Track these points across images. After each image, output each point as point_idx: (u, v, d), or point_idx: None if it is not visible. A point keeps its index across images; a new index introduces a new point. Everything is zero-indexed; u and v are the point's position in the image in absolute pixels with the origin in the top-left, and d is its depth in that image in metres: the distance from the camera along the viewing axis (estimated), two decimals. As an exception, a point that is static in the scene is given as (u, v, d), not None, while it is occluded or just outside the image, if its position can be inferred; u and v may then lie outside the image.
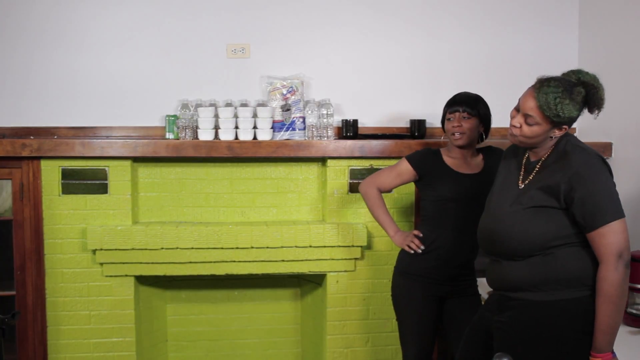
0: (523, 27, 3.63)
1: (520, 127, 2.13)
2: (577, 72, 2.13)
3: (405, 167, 2.84)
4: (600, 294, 2.03)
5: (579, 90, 2.08)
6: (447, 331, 2.86)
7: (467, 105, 2.73)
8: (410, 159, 2.85)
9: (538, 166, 2.17)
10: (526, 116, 2.11)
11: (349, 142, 3.29)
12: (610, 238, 2.01)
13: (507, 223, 2.15)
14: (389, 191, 2.93)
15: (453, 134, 2.74)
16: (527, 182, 2.18)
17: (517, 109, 2.15)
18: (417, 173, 2.82)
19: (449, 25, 3.59)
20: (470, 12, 3.60)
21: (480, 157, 2.83)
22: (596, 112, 2.13)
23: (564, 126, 2.11)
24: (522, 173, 2.22)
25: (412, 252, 2.77)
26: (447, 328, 2.85)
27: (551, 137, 2.14)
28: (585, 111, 2.16)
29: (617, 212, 2.03)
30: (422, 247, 2.75)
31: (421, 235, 2.79)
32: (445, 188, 2.76)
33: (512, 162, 2.29)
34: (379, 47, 3.54)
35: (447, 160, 2.81)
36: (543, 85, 2.08)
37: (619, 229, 2.02)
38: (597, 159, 2.10)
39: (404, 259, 2.84)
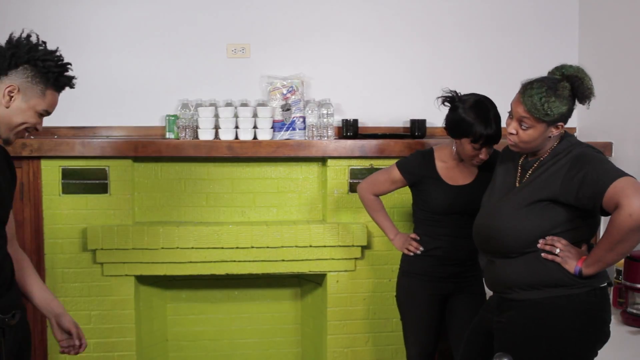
0: (523, 27, 3.63)
1: (517, 133, 2.13)
2: (560, 68, 2.14)
3: (396, 175, 2.81)
4: (604, 232, 2.00)
5: (564, 85, 2.08)
6: (448, 330, 2.85)
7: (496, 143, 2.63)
8: (400, 167, 2.81)
9: (535, 165, 2.18)
10: (519, 122, 2.12)
11: (349, 142, 3.29)
12: (623, 184, 1.93)
13: (502, 219, 2.16)
14: (383, 195, 2.93)
15: (473, 159, 2.64)
16: (523, 181, 2.19)
17: (511, 116, 2.16)
18: (407, 182, 2.81)
19: (449, 25, 3.58)
20: (470, 12, 3.60)
21: None
22: (587, 102, 2.13)
23: (559, 123, 2.11)
24: (519, 173, 2.23)
25: (412, 254, 2.79)
26: (448, 326, 2.85)
27: (549, 137, 2.14)
28: (582, 107, 2.17)
29: (623, 172, 1.99)
30: (421, 249, 2.77)
31: (418, 238, 2.80)
32: (436, 202, 2.73)
33: (509, 164, 2.30)
34: (379, 46, 3.54)
35: (439, 165, 2.74)
36: (527, 88, 2.10)
37: (631, 180, 1.95)
38: (594, 148, 2.12)
39: (406, 260, 2.85)
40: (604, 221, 2.18)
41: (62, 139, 3.17)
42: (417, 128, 3.43)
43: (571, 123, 3.49)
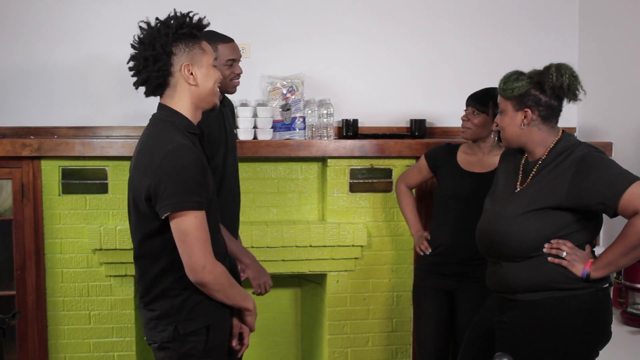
0: (523, 27, 3.63)
1: (497, 124, 2.22)
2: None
3: (422, 163, 3.00)
4: (619, 236, 2.01)
5: (537, 71, 2.14)
6: (454, 329, 2.88)
7: (478, 101, 2.77)
8: (426, 154, 3.00)
9: (536, 167, 2.17)
10: (499, 109, 2.22)
11: (349, 142, 3.29)
12: (639, 190, 1.95)
13: (506, 224, 2.15)
14: (416, 186, 3.12)
15: (462, 126, 2.82)
16: (525, 184, 2.18)
17: None
18: (430, 168, 2.96)
19: (449, 26, 3.59)
20: (470, 12, 3.60)
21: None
22: (567, 92, 2.11)
23: (526, 109, 2.13)
24: (520, 175, 2.22)
25: (422, 253, 2.91)
26: (454, 325, 2.87)
27: (523, 126, 2.14)
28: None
29: (633, 176, 2.00)
30: (429, 250, 2.88)
31: (429, 237, 2.91)
32: (446, 185, 2.86)
33: (510, 165, 2.29)
34: (379, 46, 3.54)
35: (461, 156, 2.87)
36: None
37: None
38: (596, 148, 2.12)
39: (419, 254, 2.98)
40: (605, 220, 2.18)
41: (62, 139, 3.17)
42: (417, 128, 3.43)
43: (571, 123, 3.53)
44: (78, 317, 3.25)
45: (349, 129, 3.38)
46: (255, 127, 3.28)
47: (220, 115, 2.63)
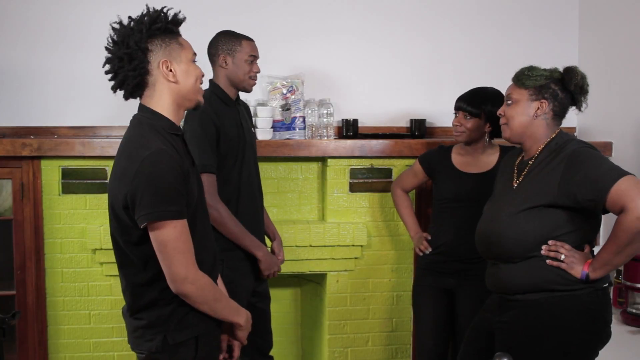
0: (523, 27, 3.63)
1: (504, 114, 2.20)
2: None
3: (417, 167, 2.99)
4: (610, 235, 2.00)
5: (554, 69, 2.16)
6: (453, 326, 2.88)
7: (469, 104, 2.76)
8: (420, 158, 2.99)
9: (531, 162, 2.17)
10: (507, 100, 2.19)
11: (349, 142, 3.29)
12: (626, 185, 1.92)
13: (502, 224, 2.15)
14: (411, 190, 3.12)
15: (455, 130, 2.80)
16: (519, 181, 2.18)
17: None
18: (425, 172, 2.95)
19: (449, 25, 3.59)
20: (470, 12, 3.60)
21: (497, 155, 2.83)
22: (578, 92, 2.13)
23: (542, 100, 2.13)
24: (515, 173, 2.22)
25: (421, 253, 2.91)
26: (453, 323, 2.88)
27: (535, 118, 2.13)
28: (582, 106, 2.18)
29: (623, 171, 1.98)
30: (429, 250, 2.88)
31: (429, 237, 2.90)
32: (445, 188, 2.85)
33: (508, 166, 2.30)
34: (379, 46, 3.54)
35: (455, 158, 2.86)
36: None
37: (633, 180, 1.95)
38: (586, 144, 2.12)
39: (419, 255, 2.98)
40: (604, 219, 2.18)
41: (62, 139, 3.17)
42: (417, 128, 3.43)
43: (571, 123, 3.54)
44: (78, 317, 3.25)
45: (349, 129, 3.38)
46: (255, 127, 3.28)
47: (235, 112, 2.69)
